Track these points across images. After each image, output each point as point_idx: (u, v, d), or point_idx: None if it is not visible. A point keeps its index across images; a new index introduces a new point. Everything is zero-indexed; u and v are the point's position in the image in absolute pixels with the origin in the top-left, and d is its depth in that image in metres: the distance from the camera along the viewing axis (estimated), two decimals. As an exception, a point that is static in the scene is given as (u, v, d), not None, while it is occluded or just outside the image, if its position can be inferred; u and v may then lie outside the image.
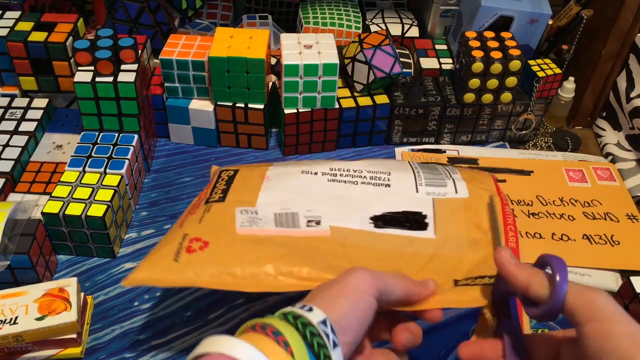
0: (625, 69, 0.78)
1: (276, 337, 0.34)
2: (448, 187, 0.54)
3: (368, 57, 0.72)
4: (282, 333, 0.34)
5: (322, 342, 0.35)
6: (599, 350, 0.34)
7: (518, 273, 0.39)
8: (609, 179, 0.74)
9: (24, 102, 0.72)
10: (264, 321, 0.36)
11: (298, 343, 0.34)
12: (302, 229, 0.49)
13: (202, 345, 0.34)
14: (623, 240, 0.65)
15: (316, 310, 0.37)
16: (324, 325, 0.36)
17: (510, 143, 0.81)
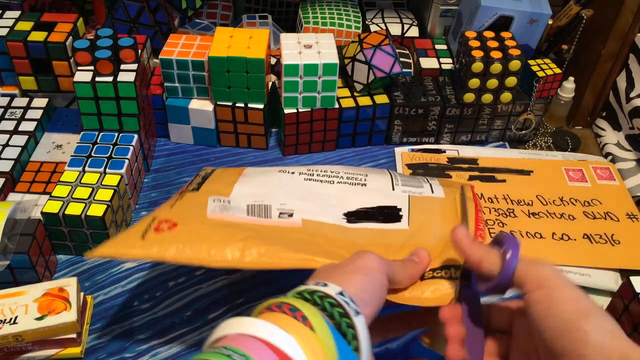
0: (625, 69, 0.78)
1: (293, 313, 0.34)
2: (424, 187, 0.55)
3: (368, 57, 0.72)
4: (299, 308, 0.34)
5: (342, 311, 0.35)
6: (545, 315, 0.35)
7: (472, 250, 0.41)
8: (609, 179, 0.74)
9: (23, 101, 0.72)
10: (279, 300, 0.35)
11: (316, 316, 0.34)
12: (274, 220, 0.50)
13: (219, 328, 0.34)
14: (623, 240, 0.65)
15: (331, 284, 0.37)
16: (342, 295, 0.36)
17: (510, 143, 0.81)
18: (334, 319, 0.35)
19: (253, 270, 0.46)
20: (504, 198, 0.70)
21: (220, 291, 0.59)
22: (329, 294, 0.36)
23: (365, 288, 0.38)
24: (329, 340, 0.33)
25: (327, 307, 0.35)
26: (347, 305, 0.35)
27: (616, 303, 0.56)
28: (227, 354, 0.30)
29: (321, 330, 0.33)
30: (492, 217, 0.67)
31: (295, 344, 0.32)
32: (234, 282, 0.60)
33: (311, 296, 0.36)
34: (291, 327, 0.33)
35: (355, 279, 0.38)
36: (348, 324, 0.34)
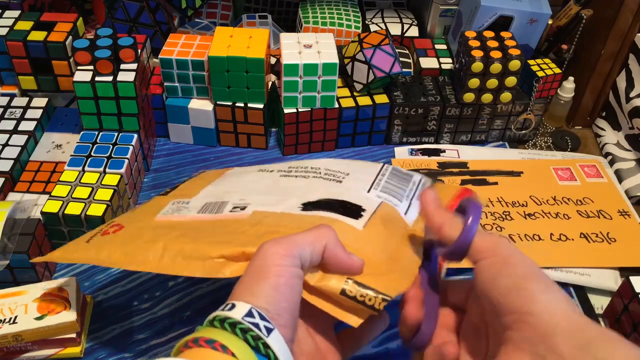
0: (625, 68, 0.78)
1: (212, 345, 0.33)
2: (402, 204, 0.50)
3: (368, 56, 0.72)
4: (216, 339, 0.33)
5: (255, 334, 0.34)
6: (495, 276, 0.36)
7: (435, 214, 0.40)
8: (597, 176, 0.74)
9: (23, 101, 0.72)
10: (195, 335, 0.34)
11: (236, 342, 0.33)
12: (223, 214, 0.48)
13: None
14: (619, 237, 0.66)
15: (238, 304, 0.35)
16: (250, 317, 0.34)
17: (509, 143, 0.81)
18: (249, 344, 0.34)
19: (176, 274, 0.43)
20: (499, 201, 0.70)
21: (220, 291, 0.59)
22: (237, 319, 0.34)
23: (274, 296, 0.36)
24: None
25: (239, 334, 0.34)
26: (257, 327, 0.34)
27: (616, 303, 0.57)
28: None
29: (244, 355, 0.33)
30: (489, 222, 0.67)
31: None
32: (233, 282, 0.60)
33: (221, 325, 0.34)
34: (213, 359, 0.32)
35: (262, 289, 0.36)
36: (264, 344, 0.34)
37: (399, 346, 0.55)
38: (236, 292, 0.37)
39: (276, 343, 0.34)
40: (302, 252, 0.37)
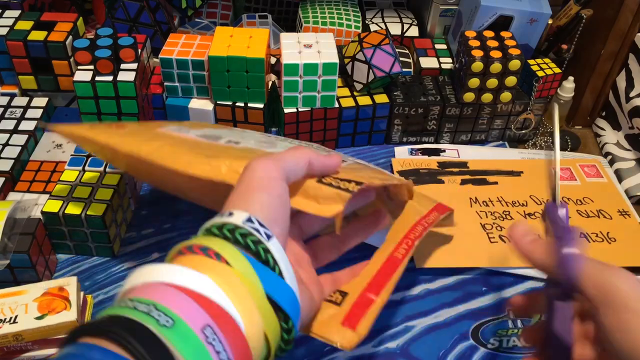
0: (625, 68, 0.78)
1: (205, 252, 0.32)
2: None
3: (368, 56, 0.72)
4: (210, 246, 0.32)
5: (255, 238, 0.33)
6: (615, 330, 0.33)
7: (534, 252, 0.39)
8: (596, 176, 0.74)
9: (23, 101, 0.72)
10: (189, 243, 0.33)
11: (230, 250, 0.32)
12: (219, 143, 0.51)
13: (126, 281, 0.31)
14: (619, 237, 0.66)
15: (236, 212, 0.34)
16: (250, 222, 0.34)
17: (509, 142, 0.81)
18: (249, 249, 0.33)
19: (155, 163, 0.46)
20: (499, 200, 0.70)
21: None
22: (237, 224, 0.33)
23: (269, 205, 0.35)
24: (249, 271, 0.32)
25: (240, 239, 0.33)
26: (258, 232, 0.33)
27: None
28: (132, 306, 0.28)
29: (238, 263, 0.32)
30: (489, 221, 0.67)
31: (211, 282, 0.30)
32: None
33: (220, 231, 0.33)
34: (204, 266, 0.31)
35: (257, 198, 0.36)
36: (265, 249, 0.33)
37: (398, 346, 0.55)
38: (230, 203, 0.36)
39: (275, 248, 0.34)
40: (288, 167, 0.38)
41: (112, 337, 0.26)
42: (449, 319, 0.58)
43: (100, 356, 0.25)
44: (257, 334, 0.31)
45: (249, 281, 0.31)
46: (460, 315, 0.58)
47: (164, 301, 0.28)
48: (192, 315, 0.28)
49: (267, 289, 0.32)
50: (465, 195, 0.70)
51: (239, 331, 0.30)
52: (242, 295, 0.31)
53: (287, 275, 0.34)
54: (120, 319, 0.27)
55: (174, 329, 0.27)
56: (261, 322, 0.31)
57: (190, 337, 0.27)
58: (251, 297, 0.31)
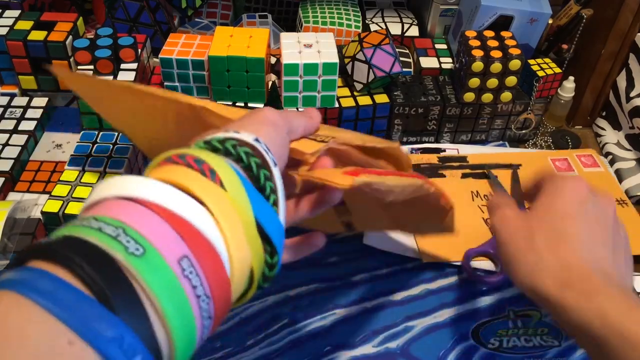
0: (625, 68, 0.78)
1: (200, 166, 0.27)
2: None
3: (368, 56, 0.72)
4: (206, 160, 0.27)
5: (259, 161, 0.29)
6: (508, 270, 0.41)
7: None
8: (593, 166, 0.75)
9: (23, 101, 0.72)
10: (182, 151, 0.28)
11: (228, 171, 0.28)
12: None
13: (94, 190, 0.27)
14: None
15: (244, 132, 0.31)
16: (258, 142, 0.30)
17: (510, 142, 0.81)
18: (251, 170, 0.29)
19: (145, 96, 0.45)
20: None
21: (220, 290, 0.59)
22: (245, 140, 0.30)
23: (275, 141, 0.33)
24: (243, 199, 0.27)
25: (243, 157, 0.29)
26: (266, 153, 0.30)
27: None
28: (97, 227, 0.23)
29: (234, 187, 0.27)
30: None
31: (198, 206, 0.26)
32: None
33: (222, 145, 0.29)
34: (194, 183, 0.26)
35: (265, 130, 0.33)
36: (267, 176, 0.29)
37: (398, 346, 0.55)
38: (232, 126, 0.32)
39: (277, 177, 0.31)
40: (292, 126, 0.37)
41: (69, 265, 0.22)
42: (449, 319, 0.58)
43: (51, 287, 0.21)
44: (242, 269, 0.27)
45: (240, 208, 0.27)
46: (460, 315, 0.58)
47: (136, 224, 0.24)
48: (167, 244, 0.24)
49: (258, 219, 0.28)
50: (467, 190, 0.71)
51: (220, 265, 0.26)
52: (232, 225, 0.26)
53: (281, 208, 0.30)
54: (81, 242, 0.23)
55: (144, 259, 0.23)
56: (249, 256, 0.27)
57: (163, 270, 0.23)
58: (242, 226, 0.27)
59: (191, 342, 0.24)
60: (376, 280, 0.61)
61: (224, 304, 0.26)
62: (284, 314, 0.57)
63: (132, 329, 0.21)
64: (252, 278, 0.29)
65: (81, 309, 0.21)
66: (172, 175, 0.27)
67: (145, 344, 0.22)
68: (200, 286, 0.24)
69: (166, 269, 0.23)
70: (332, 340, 0.55)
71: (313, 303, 0.58)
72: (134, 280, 0.23)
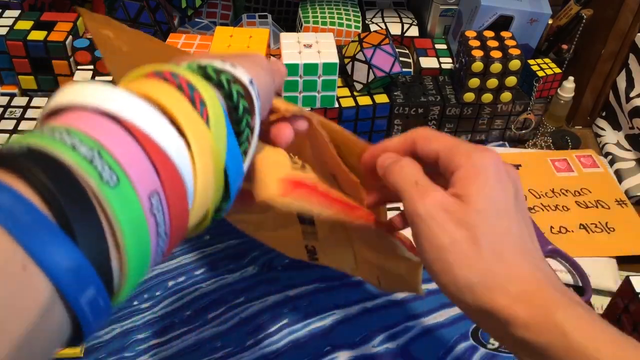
0: (625, 68, 0.78)
1: (192, 92, 0.25)
2: None
3: (368, 56, 0.72)
4: (199, 89, 0.25)
5: (247, 106, 0.27)
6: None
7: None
8: (593, 166, 0.75)
9: (23, 101, 0.72)
10: (174, 69, 0.26)
11: (217, 107, 0.25)
12: None
13: (65, 92, 0.24)
14: (617, 227, 0.67)
15: (240, 68, 0.28)
16: (252, 86, 0.28)
17: (509, 142, 0.81)
18: (236, 112, 0.27)
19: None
20: None
21: (220, 290, 0.59)
22: (241, 79, 0.27)
23: (265, 88, 0.30)
24: (222, 143, 0.25)
25: (234, 96, 0.27)
26: (257, 100, 0.28)
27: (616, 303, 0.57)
28: (70, 144, 0.21)
29: (218, 128, 0.25)
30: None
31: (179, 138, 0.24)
32: (234, 281, 0.60)
33: (217, 76, 0.27)
34: (182, 111, 0.24)
35: (259, 74, 0.30)
36: (248, 123, 0.27)
37: (399, 346, 0.55)
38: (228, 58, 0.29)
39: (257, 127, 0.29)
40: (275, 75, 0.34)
41: (33, 182, 0.20)
42: (449, 319, 0.58)
43: (10, 203, 0.19)
44: (200, 211, 0.26)
45: (217, 151, 0.25)
46: (460, 315, 0.58)
47: (112, 147, 0.21)
48: (141, 176, 0.22)
49: (227, 165, 0.26)
50: None
51: (185, 206, 0.24)
52: (206, 166, 0.25)
53: (247, 158, 0.29)
54: (51, 159, 0.20)
55: (117, 190, 0.21)
56: (210, 200, 0.26)
57: (133, 204, 0.21)
58: (213, 170, 0.25)
59: (140, 276, 0.23)
60: (376, 280, 0.61)
61: (177, 239, 0.25)
62: (284, 314, 0.57)
63: (90, 260, 0.20)
64: (204, 218, 0.27)
65: (41, 233, 0.19)
66: (156, 93, 0.24)
67: (100, 275, 0.20)
68: (162, 224, 0.23)
69: (136, 204, 0.21)
70: (332, 340, 0.55)
71: (313, 303, 0.58)
72: (100, 211, 0.21)
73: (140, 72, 0.26)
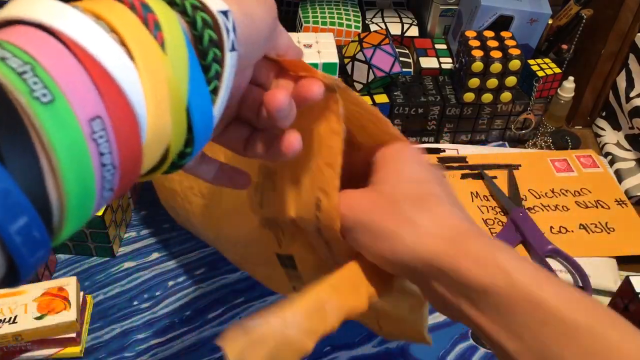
0: (625, 68, 0.78)
1: (145, 13, 0.22)
2: None
3: (368, 56, 0.72)
4: (154, 10, 0.22)
5: (215, 37, 0.24)
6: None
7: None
8: (593, 166, 0.75)
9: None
10: None
11: (177, 31, 0.23)
12: None
13: (6, 7, 0.21)
14: (617, 227, 0.67)
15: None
16: (224, 16, 0.25)
17: (509, 142, 0.81)
18: (200, 43, 0.24)
19: None
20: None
21: (220, 291, 0.59)
22: (208, 7, 0.24)
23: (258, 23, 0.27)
24: (181, 71, 0.23)
25: (198, 25, 0.24)
26: (227, 33, 0.25)
27: (616, 303, 0.56)
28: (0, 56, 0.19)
29: (175, 54, 0.22)
30: (490, 216, 0.67)
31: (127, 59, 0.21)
32: (233, 281, 0.60)
33: (182, 1, 0.24)
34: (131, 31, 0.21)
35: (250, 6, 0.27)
36: (216, 56, 0.25)
37: (398, 346, 0.55)
38: None
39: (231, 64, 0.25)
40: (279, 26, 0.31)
41: None
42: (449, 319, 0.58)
43: None
44: (158, 143, 0.23)
45: (175, 79, 0.23)
46: (460, 316, 0.58)
47: (49, 64, 0.19)
48: (81, 96, 0.20)
49: (190, 100, 0.23)
50: (467, 190, 0.71)
51: (136, 133, 0.22)
52: (159, 92, 0.22)
53: (219, 99, 0.26)
54: None
55: (51, 109, 0.19)
56: (169, 132, 0.23)
57: (70, 126, 0.19)
58: (169, 98, 0.22)
59: (86, 210, 0.21)
60: (376, 280, 0.61)
61: (130, 176, 0.22)
62: (284, 314, 0.57)
63: (21, 186, 0.18)
64: (167, 156, 0.24)
65: None
66: (105, 12, 0.21)
67: (34, 204, 0.18)
68: (108, 154, 0.20)
69: (74, 126, 0.19)
70: (332, 340, 0.55)
71: (313, 303, 0.58)
72: (32, 130, 0.18)
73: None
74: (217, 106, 0.25)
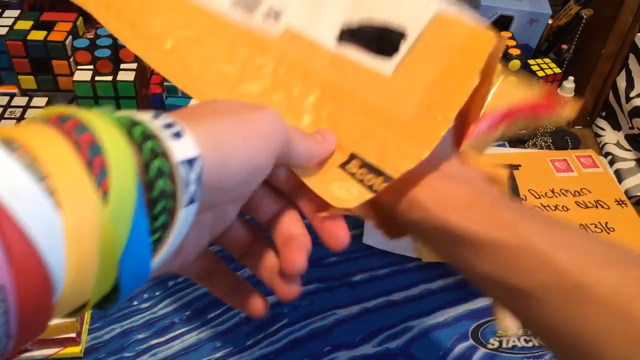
0: (625, 68, 0.78)
1: (90, 157, 0.19)
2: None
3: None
4: (104, 150, 0.19)
5: (169, 188, 0.21)
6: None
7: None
8: (593, 166, 0.75)
9: (23, 101, 0.72)
10: (85, 119, 0.19)
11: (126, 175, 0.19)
12: (254, 21, 0.37)
13: None
14: (617, 227, 0.67)
15: (187, 138, 0.22)
16: (188, 166, 0.21)
17: (509, 142, 0.81)
18: (150, 191, 0.21)
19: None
20: None
21: (220, 291, 0.59)
22: (170, 155, 0.21)
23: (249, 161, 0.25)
24: (122, 220, 0.19)
25: (151, 172, 0.20)
26: (186, 186, 0.21)
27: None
28: None
29: (120, 202, 0.19)
30: (491, 217, 0.68)
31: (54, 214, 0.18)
32: (233, 281, 0.60)
33: (142, 142, 0.21)
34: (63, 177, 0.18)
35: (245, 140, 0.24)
36: (165, 208, 0.21)
37: (398, 346, 0.55)
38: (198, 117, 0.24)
39: (185, 218, 0.22)
40: (289, 138, 0.28)
41: None
42: (449, 319, 0.58)
43: None
44: (70, 304, 0.20)
45: (111, 233, 0.19)
46: (460, 315, 0.58)
47: None
48: None
49: (125, 254, 0.20)
50: None
51: (46, 302, 0.18)
52: (87, 250, 0.19)
53: (162, 252, 0.22)
54: None
55: None
56: (90, 291, 0.20)
57: None
58: (99, 256, 0.19)
59: None
60: (376, 280, 0.61)
61: (28, 340, 0.19)
62: (284, 314, 0.57)
63: None
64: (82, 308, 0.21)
65: None
66: (43, 152, 0.18)
67: None
68: (2, 325, 0.17)
69: None
70: (332, 340, 0.55)
71: (313, 303, 0.58)
72: None
73: (47, 113, 0.20)
74: (160, 256, 0.22)
